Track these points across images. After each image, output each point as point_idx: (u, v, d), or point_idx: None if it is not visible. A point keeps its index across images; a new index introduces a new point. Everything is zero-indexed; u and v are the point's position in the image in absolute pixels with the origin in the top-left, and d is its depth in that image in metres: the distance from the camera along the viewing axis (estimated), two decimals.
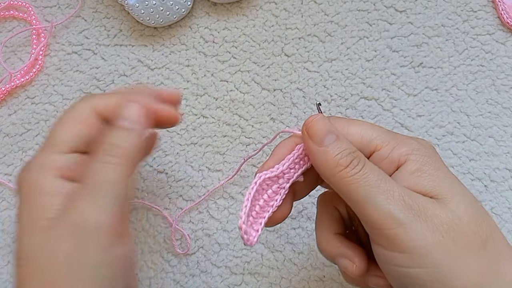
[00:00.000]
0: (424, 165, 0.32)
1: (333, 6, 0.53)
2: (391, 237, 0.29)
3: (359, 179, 0.30)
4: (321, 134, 0.32)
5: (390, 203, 0.29)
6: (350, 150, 0.32)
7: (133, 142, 0.34)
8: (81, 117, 0.34)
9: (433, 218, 0.29)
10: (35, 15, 0.54)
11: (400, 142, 0.33)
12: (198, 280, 0.47)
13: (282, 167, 0.34)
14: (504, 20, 0.52)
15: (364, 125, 0.34)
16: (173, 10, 0.51)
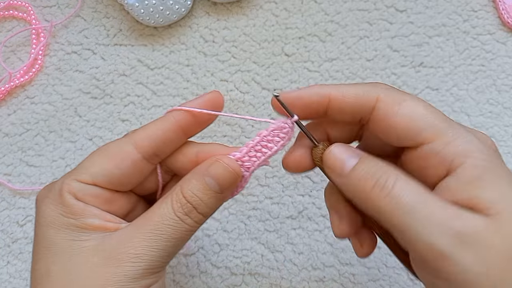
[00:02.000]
0: (486, 172, 0.27)
1: (334, 6, 0.53)
2: (435, 267, 0.26)
3: (390, 204, 0.27)
4: (340, 164, 0.30)
5: (431, 232, 0.25)
6: (376, 168, 0.28)
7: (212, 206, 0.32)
8: (119, 154, 0.33)
9: (485, 247, 0.25)
10: (34, 15, 0.54)
11: (457, 138, 0.28)
12: (198, 280, 0.47)
13: (239, 154, 0.33)
14: (504, 20, 0.52)
15: (418, 107, 0.29)
16: (173, 10, 0.51)
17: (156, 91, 0.52)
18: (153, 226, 0.31)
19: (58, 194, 0.32)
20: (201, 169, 0.32)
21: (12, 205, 0.49)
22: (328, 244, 0.47)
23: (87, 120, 0.51)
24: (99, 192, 0.32)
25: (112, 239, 0.31)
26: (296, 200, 0.48)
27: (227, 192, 0.33)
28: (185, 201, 0.31)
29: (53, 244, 0.31)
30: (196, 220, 0.31)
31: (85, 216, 0.31)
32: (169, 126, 0.33)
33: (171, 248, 0.31)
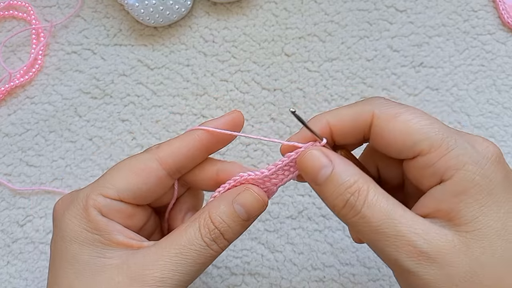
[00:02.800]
0: (473, 187, 0.27)
1: (334, 6, 0.53)
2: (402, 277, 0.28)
3: (358, 222, 0.28)
4: (313, 173, 0.30)
5: (396, 249, 0.27)
6: (347, 184, 0.29)
7: (238, 233, 0.32)
8: (144, 170, 0.33)
9: (449, 266, 0.26)
10: (34, 14, 0.54)
11: (452, 149, 0.28)
12: (198, 280, 0.47)
13: (267, 172, 0.33)
14: (504, 20, 0.52)
15: (412, 121, 0.29)
16: (173, 10, 0.51)
17: (156, 91, 0.52)
18: (179, 250, 0.31)
19: (83, 208, 0.32)
20: (230, 195, 0.32)
21: (12, 205, 0.49)
22: (328, 244, 0.47)
23: (87, 120, 0.51)
24: (123, 207, 0.33)
25: (137, 258, 0.30)
26: (296, 200, 0.48)
27: (253, 219, 0.33)
28: (213, 226, 0.31)
29: (77, 259, 0.31)
30: (221, 246, 0.32)
31: (109, 232, 0.31)
32: (193, 144, 0.33)
33: (194, 273, 0.31)
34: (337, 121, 0.31)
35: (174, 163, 0.33)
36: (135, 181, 0.32)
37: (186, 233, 0.31)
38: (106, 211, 0.32)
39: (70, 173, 0.50)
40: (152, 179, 0.33)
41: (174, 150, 0.33)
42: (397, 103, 0.31)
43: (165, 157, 0.33)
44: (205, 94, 0.51)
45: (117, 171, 0.33)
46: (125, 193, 0.32)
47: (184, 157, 0.33)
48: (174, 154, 0.33)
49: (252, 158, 0.49)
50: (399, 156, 0.30)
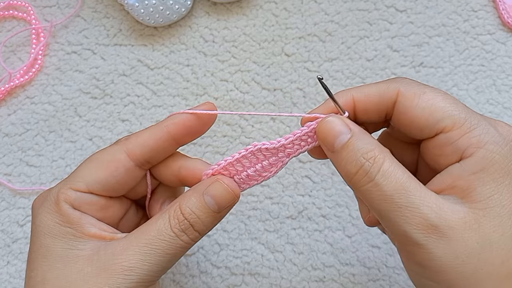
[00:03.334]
0: (492, 165, 0.27)
1: (334, 6, 0.53)
2: (407, 250, 0.28)
3: (371, 190, 0.28)
4: (331, 139, 0.30)
5: (407, 221, 0.27)
6: (364, 150, 0.29)
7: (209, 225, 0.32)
8: (112, 162, 0.33)
9: (458, 242, 0.26)
10: (34, 14, 0.54)
11: (474, 128, 0.28)
12: (198, 280, 0.47)
13: (284, 141, 0.33)
14: (504, 20, 0.52)
15: (437, 98, 0.29)
16: (173, 10, 0.51)
17: (156, 91, 0.52)
18: (148, 240, 0.31)
19: (55, 203, 0.32)
20: (201, 187, 0.33)
21: (12, 205, 0.49)
22: (328, 244, 0.47)
23: (87, 120, 0.51)
24: (95, 199, 0.33)
25: (107, 249, 0.31)
26: (296, 200, 0.48)
27: (225, 212, 0.33)
28: (183, 218, 0.31)
29: (50, 252, 0.31)
30: (191, 238, 0.32)
31: (81, 225, 0.32)
32: (161, 135, 0.34)
33: (164, 263, 0.31)
34: (363, 96, 0.31)
35: (142, 154, 0.34)
36: (103, 173, 0.33)
37: (156, 223, 0.31)
38: (77, 205, 0.32)
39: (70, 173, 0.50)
40: (120, 171, 0.33)
41: (141, 141, 0.34)
42: (421, 83, 0.31)
43: (133, 148, 0.34)
44: (205, 94, 0.51)
45: (86, 164, 0.34)
46: (94, 186, 0.33)
47: (152, 148, 0.34)
48: (142, 145, 0.34)
49: None
50: (420, 134, 0.30)
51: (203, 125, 0.35)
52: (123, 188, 0.35)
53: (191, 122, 0.34)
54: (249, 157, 0.33)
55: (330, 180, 0.49)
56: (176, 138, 0.34)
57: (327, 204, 0.48)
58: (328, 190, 0.48)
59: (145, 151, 0.34)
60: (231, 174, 0.34)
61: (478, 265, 0.26)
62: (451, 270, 0.27)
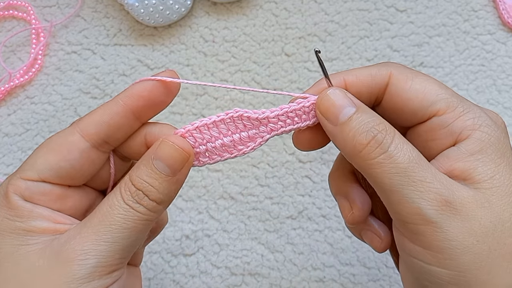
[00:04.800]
0: (489, 147, 0.27)
1: (334, 6, 0.53)
2: (418, 232, 0.26)
3: (384, 163, 0.26)
4: (335, 110, 0.28)
5: (421, 196, 0.25)
6: (373, 123, 0.27)
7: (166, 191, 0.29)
8: (64, 145, 0.30)
9: (472, 219, 0.25)
10: (34, 14, 0.54)
11: (467, 112, 0.28)
12: (198, 280, 0.47)
13: (269, 113, 0.30)
14: (504, 20, 0.52)
15: (429, 82, 0.29)
16: (173, 10, 0.51)
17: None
18: (101, 218, 0.28)
19: (3, 196, 0.29)
20: (149, 152, 0.29)
21: None
22: (328, 244, 0.47)
23: None
24: (49, 188, 0.30)
25: (59, 239, 0.28)
26: (296, 200, 0.48)
27: (181, 174, 0.29)
28: (135, 188, 0.28)
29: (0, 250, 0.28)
30: (149, 208, 0.28)
31: (33, 218, 0.29)
32: (117, 110, 0.30)
33: (124, 241, 0.28)
34: (354, 78, 0.30)
35: (97, 133, 0.30)
36: (54, 158, 0.29)
37: (107, 200, 0.28)
38: (28, 195, 0.29)
39: None
40: (74, 154, 0.29)
41: (96, 119, 0.30)
42: (412, 69, 0.30)
43: (86, 128, 0.30)
44: (205, 94, 0.51)
45: (37, 151, 0.30)
46: (46, 173, 0.29)
47: (108, 125, 0.30)
48: (96, 123, 0.30)
49: (252, 158, 0.49)
50: (412, 119, 0.29)
51: (165, 95, 0.31)
52: (81, 175, 0.30)
53: (149, 92, 0.30)
54: (228, 123, 0.30)
55: None
56: (135, 111, 0.30)
57: (327, 204, 0.48)
58: (328, 190, 0.48)
59: (101, 129, 0.30)
60: (204, 138, 0.30)
61: (492, 246, 0.25)
62: (466, 251, 0.25)
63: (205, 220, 0.48)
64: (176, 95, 0.32)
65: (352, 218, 0.32)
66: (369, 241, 0.33)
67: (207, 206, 0.48)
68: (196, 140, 0.30)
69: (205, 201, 0.49)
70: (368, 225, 0.33)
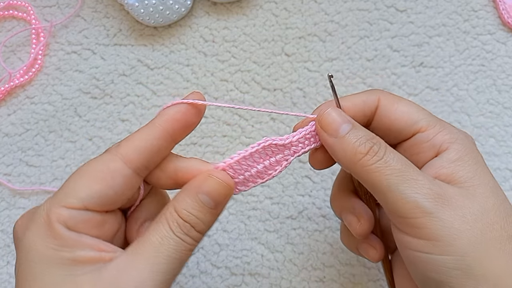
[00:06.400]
0: (465, 155, 0.32)
1: (334, 6, 0.53)
2: (417, 225, 0.29)
3: (381, 167, 0.30)
4: (335, 126, 0.32)
5: (416, 191, 0.29)
6: (368, 136, 0.31)
7: (209, 223, 0.31)
8: (108, 172, 0.30)
9: (462, 208, 0.29)
10: (34, 14, 0.54)
11: (445, 128, 0.33)
12: (198, 281, 0.47)
13: (292, 138, 0.34)
14: (505, 20, 0.52)
15: (411, 105, 0.34)
16: (173, 10, 0.51)
17: (156, 91, 0.52)
18: (154, 249, 0.29)
19: (47, 225, 0.29)
20: (193, 186, 0.31)
21: (12, 205, 0.49)
22: (328, 244, 0.47)
23: (87, 120, 0.51)
24: (90, 216, 0.30)
25: (110, 269, 0.28)
26: (296, 200, 0.48)
27: (222, 206, 0.32)
28: (182, 221, 0.30)
29: (44, 282, 0.28)
30: (195, 239, 0.30)
31: (79, 247, 0.29)
32: (156, 133, 0.31)
33: (174, 271, 0.30)
34: (350, 104, 0.34)
35: (139, 159, 0.31)
36: (99, 186, 0.30)
37: (156, 232, 0.30)
38: (72, 224, 0.29)
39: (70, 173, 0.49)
40: (118, 181, 0.30)
41: (136, 144, 0.31)
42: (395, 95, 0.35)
43: (128, 154, 0.30)
44: (205, 94, 0.51)
45: (79, 177, 0.30)
46: (91, 201, 0.29)
47: (149, 150, 0.31)
48: (137, 149, 0.31)
49: None
50: (399, 135, 0.34)
51: (195, 116, 0.33)
52: (121, 200, 0.31)
53: (183, 115, 0.32)
54: (260, 152, 0.33)
55: (330, 180, 0.49)
56: (172, 134, 0.32)
57: (327, 204, 0.48)
58: (328, 190, 0.48)
59: (142, 154, 0.31)
60: (242, 169, 0.33)
61: (483, 230, 0.29)
62: (462, 236, 0.28)
63: None
64: (203, 115, 0.34)
65: (361, 229, 0.36)
66: (365, 252, 0.37)
67: None
68: (236, 171, 0.33)
69: None
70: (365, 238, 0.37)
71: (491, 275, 0.28)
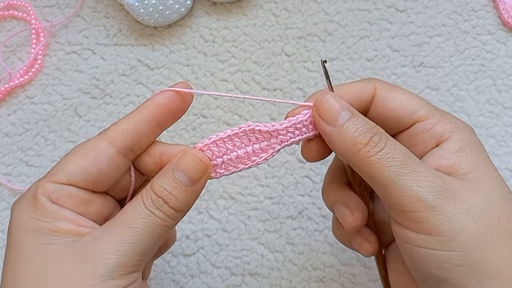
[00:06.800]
0: (467, 145, 0.30)
1: (334, 6, 0.53)
2: (418, 219, 0.28)
3: (382, 158, 0.29)
4: (334, 113, 0.30)
5: (418, 184, 0.28)
6: (369, 126, 0.30)
7: (184, 200, 0.31)
8: (93, 150, 0.32)
9: (467, 202, 0.28)
10: (34, 14, 0.54)
11: (445, 118, 0.32)
12: (198, 281, 0.47)
13: (278, 126, 0.32)
14: (504, 20, 0.52)
15: (409, 94, 0.32)
16: (173, 10, 0.51)
17: (156, 91, 0.52)
18: (124, 221, 0.30)
19: (32, 197, 0.31)
20: (170, 163, 0.32)
21: None
22: (328, 244, 0.47)
23: (87, 120, 0.51)
24: (75, 192, 0.31)
25: (83, 240, 0.30)
26: (296, 200, 0.48)
27: (199, 185, 0.32)
28: (156, 196, 0.30)
29: (23, 249, 0.30)
30: (168, 215, 0.31)
31: (58, 219, 0.30)
32: (142, 117, 0.32)
33: (145, 244, 0.30)
34: (345, 91, 0.33)
35: (124, 140, 0.32)
36: (84, 163, 0.31)
37: (130, 206, 0.31)
38: (55, 197, 0.31)
39: None
40: (102, 159, 0.31)
41: (123, 126, 0.32)
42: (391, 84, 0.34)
43: (114, 135, 0.32)
44: (205, 94, 0.51)
45: (67, 157, 0.32)
46: (76, 177, 0.31)
47: (134, 132, 0.32)
48: (123, 131, 0.32)
49: None
50: (397, 125, 0.33)
51: (183, 104, 0.34)
52: (107, 180, 0.33)
53: (170, 101, 0.33)
54: (241, 137, 0.33)
55: None
56: (158, 119, 0.33)
57: None
58: None
59: (127, 136, 0.32)
60: (220, 151, 0.33)
61: (489, 224, 0.28)
62: (467, 230, 0.27)
63: (205, 220, 0.48)
64: (191, 103, 0.34)
65: (354, 222, 0.34)
66: (358, 246, 0.36)
67: (207, 206, 0.48)
68: (214, 153, 0.33)
69: (205, 201, 0.49)
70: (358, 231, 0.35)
71: (497, 271, 0.27)
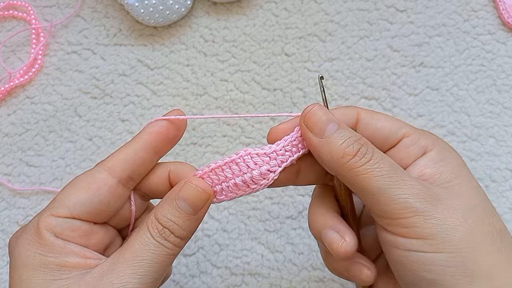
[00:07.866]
0: (448, 157, 0.32)
1: (334, 6, 0.53)
2: (408, 225, 0.29)
3: (370, 168, 0.30)
4: (321, 125, 0.31)
5: (406, 192, 0.29)
6: (356, 138, 0.31)
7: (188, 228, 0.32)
8: (93, 182, 0.32)
9: (452, 206, 0.29)
10: (34, 14, 0.54)
11: (425, 134, 0.33)
12: (198, 281, 0.47)
13: (275, 146, 0.32)
14: (505, 20, 0.52)
15: (390, 117, 0.34)
16: (173, 10, 0.51)
17: (156, 91, 0.52)
18: (134, 253, 0.30)
19: (35, 232, 0.31)
20: (172, 193, 0.32)
21: (12, 205, 0.49)
22: None
23: (87, 120, 0.51)
24: (78, 225, 0.32)
25: (93, 273, 0.30)
26: (296, 200, 0.48)
27: (202, 212, 0.32)
28: (161, 226, 0.31)
29: (31, 285, 0.30)
30: (175, 244, 0.31)
31: (65, 253, 0.30)
32: (139, 147, 0.33)
33: (155, 274, 0.31)
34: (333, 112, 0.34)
35: (123, 169, 0.33)
36: (84, 195, 0.32)
37: (137, 237, 0.31)
38: (59, 231, 0.31)
39: (70, 173, 0.50)
40: (103, 190, 0.32)
41: (121, 156, 0.33)
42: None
43: (113, 166, 0.33)
44: (205, 94, 0.51)
45: (66, 189, 0.33)
46: (77, 210, 0.32)
47: (132, 161, 0.33)
48: (122, 160, 0.33)
49: None
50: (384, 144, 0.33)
51: (177, 130, 0.35)
52: (107, 211, 0.33)
53: (165, 129, 0.34)
54: (239, 164, 0.32)
55: None
56: (155, 147, 0.34)
57: None
58: None
59: (126, 166, 0.33)
60: (219, 179, 0.33)
61: (474, 225, 0.29)
62: (455, 232, 0.29)
63: (205, 220, 0.48)
64: (185, 130, 0.35)
65: (345, 247, 0.32)
66: (358, 273, 0.34)
67: None
68: (213, 181, 0.33)
69: None
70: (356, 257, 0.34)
71: (485, 271, 0.28)
